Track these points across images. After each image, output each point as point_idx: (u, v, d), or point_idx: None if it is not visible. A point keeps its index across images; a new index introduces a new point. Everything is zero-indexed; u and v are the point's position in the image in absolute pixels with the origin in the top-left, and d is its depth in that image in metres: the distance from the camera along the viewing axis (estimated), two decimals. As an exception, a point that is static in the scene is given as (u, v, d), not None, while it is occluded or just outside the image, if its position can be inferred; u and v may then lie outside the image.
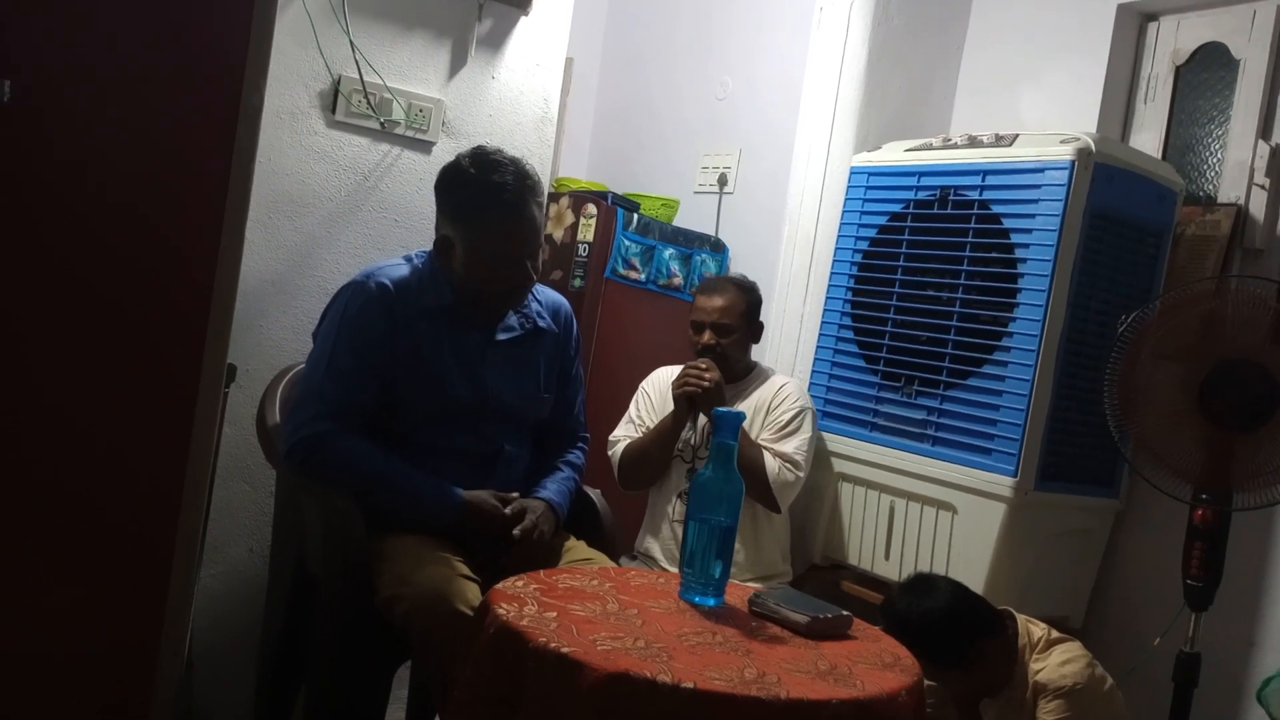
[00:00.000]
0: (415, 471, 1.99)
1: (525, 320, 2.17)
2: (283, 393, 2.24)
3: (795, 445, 2.59)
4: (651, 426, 2.65)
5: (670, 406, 2.62)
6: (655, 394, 2.71)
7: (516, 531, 1.98)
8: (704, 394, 2.52)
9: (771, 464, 2.54)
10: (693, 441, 2.62)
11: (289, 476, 2.09)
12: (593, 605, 1.65)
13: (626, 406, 2.76)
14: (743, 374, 2.70)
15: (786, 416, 2.62)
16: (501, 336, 2.12)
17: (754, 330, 2.72)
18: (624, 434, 2.69)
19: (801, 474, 2.58)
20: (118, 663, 1.58)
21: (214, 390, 1.62)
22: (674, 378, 2.62)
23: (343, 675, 1.92)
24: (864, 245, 2.87)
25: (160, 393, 1.57)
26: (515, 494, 2.05)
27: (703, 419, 2.57)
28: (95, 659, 1.56)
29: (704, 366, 2.55)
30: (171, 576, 1.60)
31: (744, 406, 2.63)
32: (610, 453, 2.68)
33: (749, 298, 2.68)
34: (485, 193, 2.00)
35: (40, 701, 1.54)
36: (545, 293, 2.26)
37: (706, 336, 2.62)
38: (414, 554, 1.88)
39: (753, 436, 2.59)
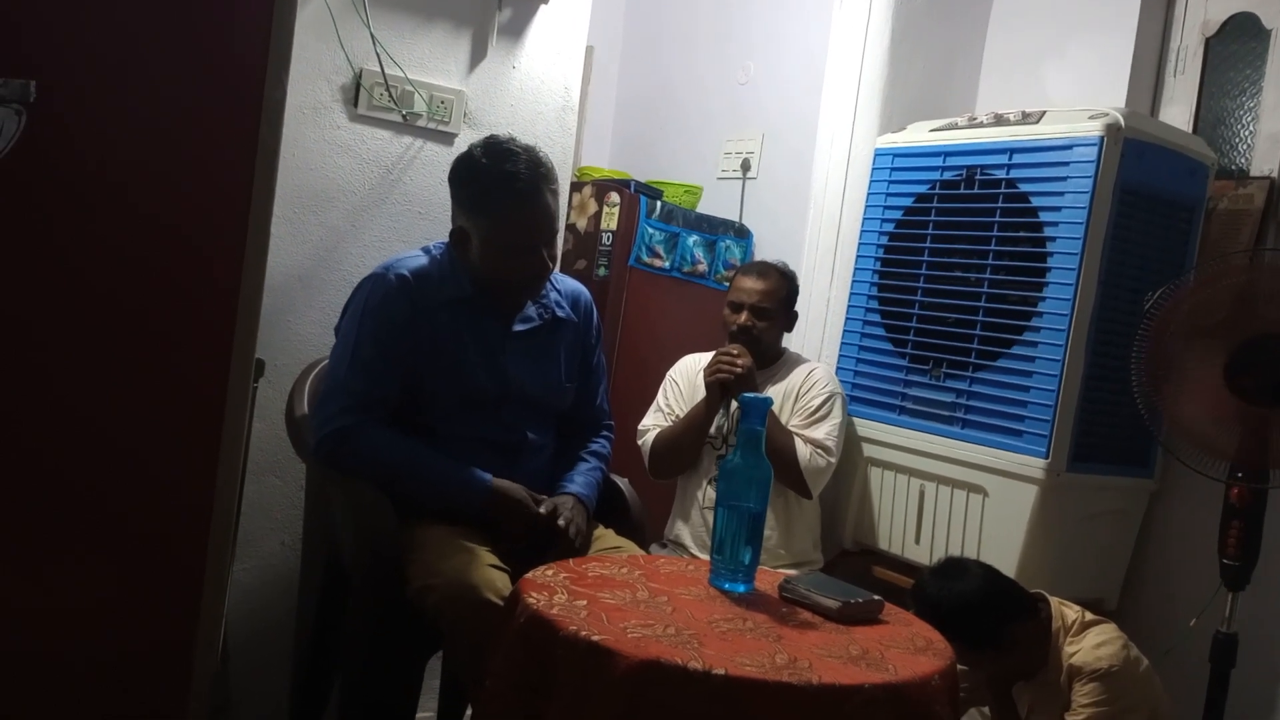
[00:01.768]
0: (442, 458, 2.00)
1: (544, 310, 2.16)
2: (311, 386, 2.26)
3: (826, 430, 2.58)
4: (680, 415, 2.65)
5: (699, 394, 2.61)
6: (683, 382, 2.71)
7: (560, 521, 1.98)
8: (736, 380, 2.51)
9: (803, 450, 2.53)
10: (724, 428, 2.62)
11: (318, 470, 2.10)
12: (622, 593, 1.65)
13: (653, 394, 2.75)
14: (773, 360, 2.69)
15: (817, 402, 2.61)
16: (519, 327, 2.12)
17: (789, 318, 2.72)
18: (653, 423, 2.68)
19: (832, 459, 2.58)
20: (154, 659, 1.59)
21: (243, 386, 1.62)
22: (702, 365, 2.62)
23: (375, 666, 1.93)
24: (890, 227, 2.84)
25: (189, 390, 1.58)
26: (544, 496, 2.05)
27: (734, 405, 2.57)
28: (131, 656, 1.58)
29: (736, 353, 2.54)
30: (205, 571, 1.61)
31: (774, 392, 2.62)
32: (640, 442, 2.67)
33: (789, 285, 2.69)
34: (498, 182, 1.99)
35: (77, 700, 1.55)
36: (564, 281, 2.26)
37: (744, 317, 2.61)
38: (443, 544, 1.89)
39: (783, 422, 2.59)
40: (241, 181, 1.57)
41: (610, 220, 3.09)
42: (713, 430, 2.61)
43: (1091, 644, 2.04)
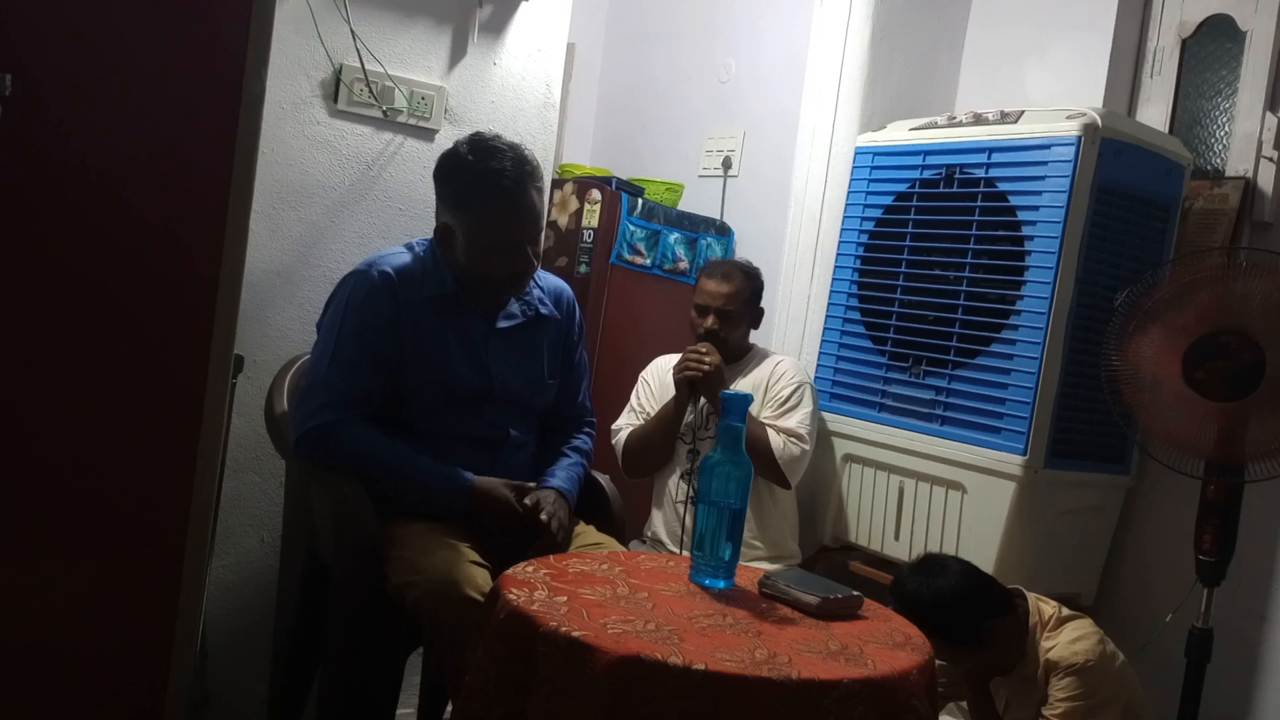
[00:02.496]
0: (424, 458, 1.99)
1: (527, 307, 2.16)
2: (290, 383, 2.25)
3: (798, 419, 2.60)
4: (653, 414, 2.66)
5: (670, 393, 2.63)
6: (655, 382, 2.73)
7: (543, 516, 1.98)
8: (704, 378, 2.53)
9: (776, 440, 2.55)
10: (693, 423, 2.63)
11: (298, 466, 2.09)
12: (603, 589, 1.65)
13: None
14: (740, 355, 2.71)
15: (786, 392, 2.63)
16: (503, 324, 2.12)
17: (755, 316, 2.73)
18: (626, 423, 2.70)
19: (807, 446, 2.59)
20: (132, 655, 1.59)
21: (221, 381, 1.62)
22: (673, 364, 2.63)
23: (356, 662, 1.93)
24: (870, 225, 2.85)
25: (168, 385, 1.58)
26: (531, 484, 2.06)
27: (703, 401, 2.58)
28: (109, 652, 1.57)
29: (704, 350, 2.56)
30: (183, 568, 1.61)
31: (743, 386, 2.64)
32: (614, 442, 2.68)
33: (753, 284, 2.70)
34: (484, 180, 1.99)
35: (55, 696, 1.55)
36: (547, 278, 2.26)
37: (710, 321, 2.63)
38: (424, 540, 1.89)
39: (754, 414, 2.60)
40: (220, 175, 1.57)
41: (591, 217, 3.09)
42: (681, 427, 2.62)
43: (1068, 639, 2.06)
